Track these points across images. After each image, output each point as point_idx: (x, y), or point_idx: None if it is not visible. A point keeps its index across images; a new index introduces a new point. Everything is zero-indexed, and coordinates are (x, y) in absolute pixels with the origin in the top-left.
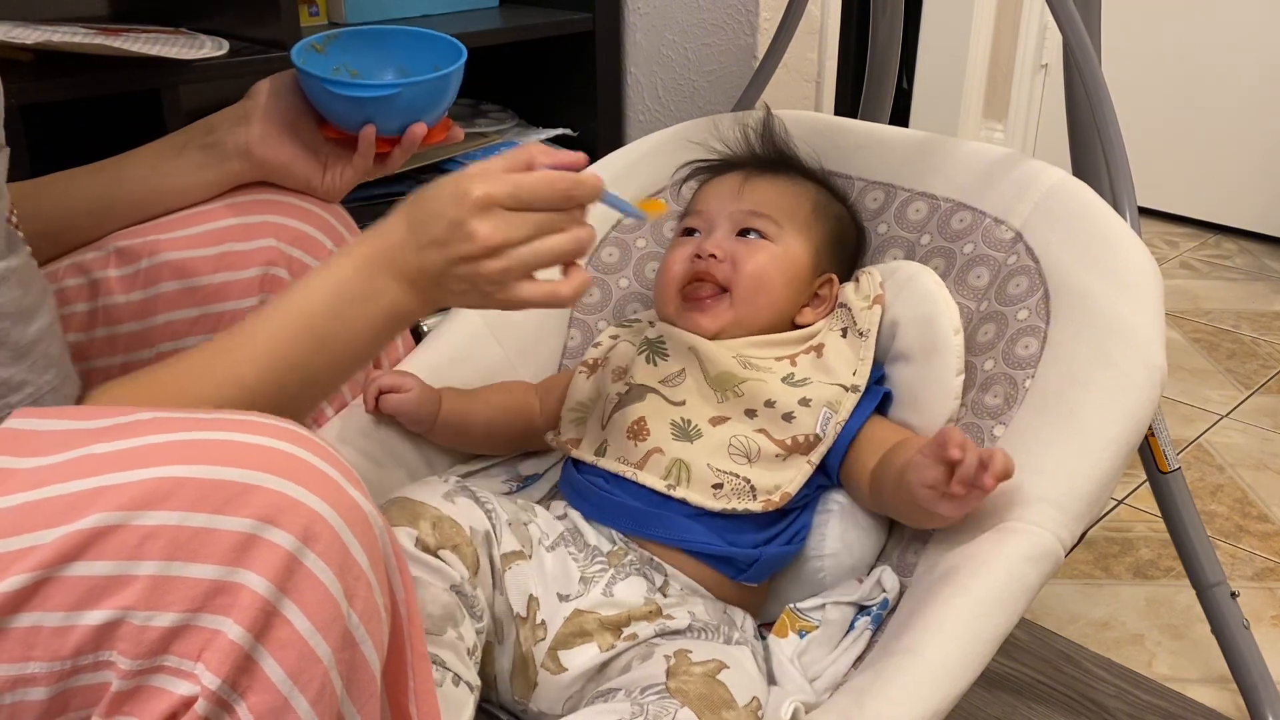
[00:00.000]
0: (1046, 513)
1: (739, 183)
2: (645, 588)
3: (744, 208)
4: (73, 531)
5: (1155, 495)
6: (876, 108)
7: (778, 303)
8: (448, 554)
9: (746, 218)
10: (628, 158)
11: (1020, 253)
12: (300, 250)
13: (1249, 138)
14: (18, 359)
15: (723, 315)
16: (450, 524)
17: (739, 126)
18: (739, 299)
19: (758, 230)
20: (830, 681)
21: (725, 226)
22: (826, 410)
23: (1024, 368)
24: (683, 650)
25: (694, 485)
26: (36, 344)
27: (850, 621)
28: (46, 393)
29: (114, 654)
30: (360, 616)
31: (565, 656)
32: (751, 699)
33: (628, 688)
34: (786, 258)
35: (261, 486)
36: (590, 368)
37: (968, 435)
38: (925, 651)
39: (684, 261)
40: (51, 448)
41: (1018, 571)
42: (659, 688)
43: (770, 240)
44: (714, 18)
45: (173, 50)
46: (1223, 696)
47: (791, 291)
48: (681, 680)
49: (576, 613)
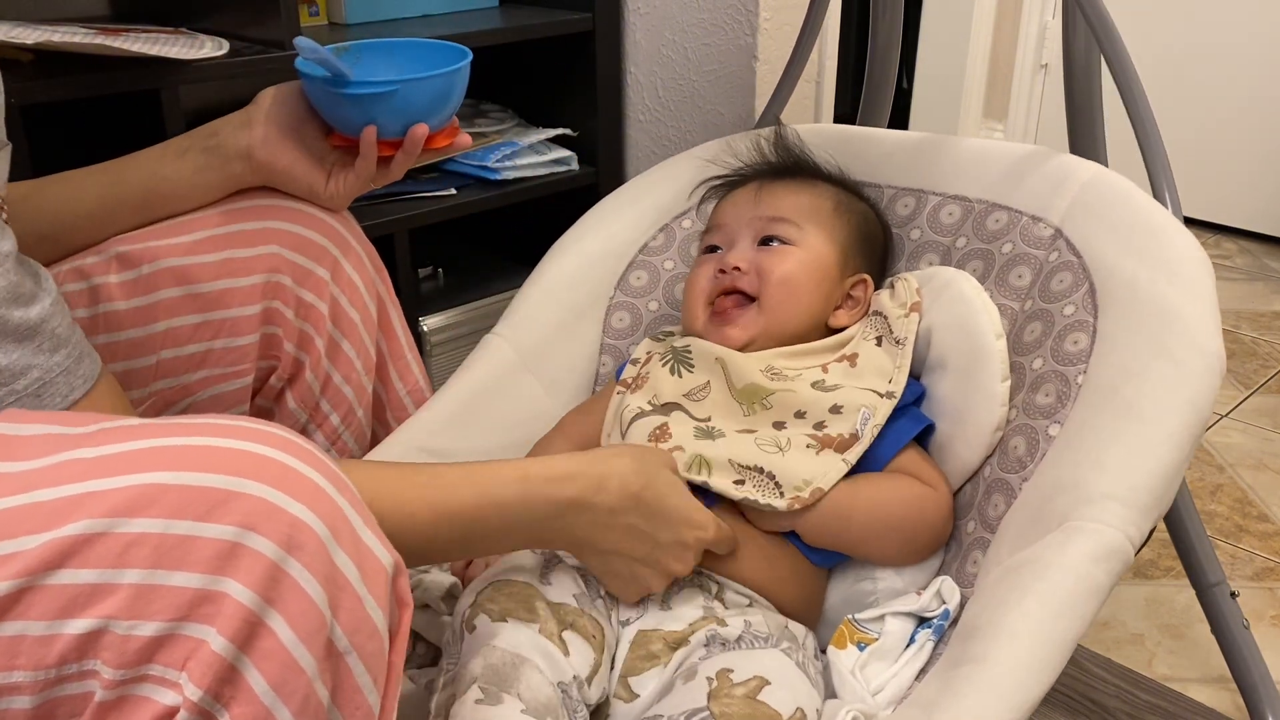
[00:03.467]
0: (1112, 510)
1: (754, 192)
2: (702, 597)
3: (763, 215)
4: (57, 538)
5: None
6: (876, 108)
7: (808, 307)
8: (572, 636)
9: (766, 225)
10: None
11: (1061, 249)
12: (303, 256)
13: (1249, 138)
14: (21, 342)
15: (752, 325)
16: (559, 607)
17: (751, 140)
18: (767, 307)
19: (779, 236)
20: (894, 695)
21: (746, 237)
22: (865, 410)
23: (1075, 364)
24: (724, 670)
25: (714, 477)
26: (41, 326)
27: (911, 634)
28: (57, 375)
29: (98, 663)
30: (345, 627)
31: (636, 683)
32: (795, 710)
33: (670, 714)
34: (812, 259)
35: (244, 493)
36: (629, 387)
37: (1021, 438)
38: (995, 661)
39: (709, 278)
40: (36, 452)
41: (1085, 572)
42: (703, 713)
43: (793, 244)
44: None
45: (173, 50)
46: (1222, 696)
47: (822, 293)
48: (724, 704)
49: (640, 634)
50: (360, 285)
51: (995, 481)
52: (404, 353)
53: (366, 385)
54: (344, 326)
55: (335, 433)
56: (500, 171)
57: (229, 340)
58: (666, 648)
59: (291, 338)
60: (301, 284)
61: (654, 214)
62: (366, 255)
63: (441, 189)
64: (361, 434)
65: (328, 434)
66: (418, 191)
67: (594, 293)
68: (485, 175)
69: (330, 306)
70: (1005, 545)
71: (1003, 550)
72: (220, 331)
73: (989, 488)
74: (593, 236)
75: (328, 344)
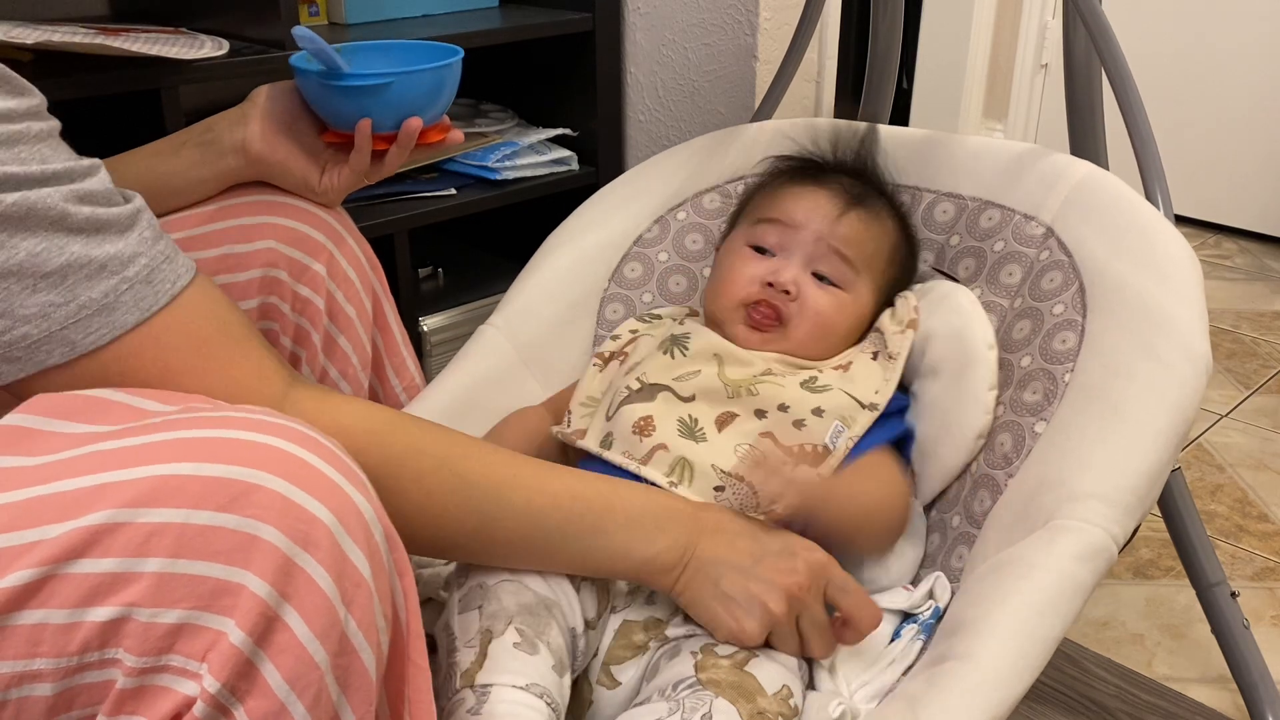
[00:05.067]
0: (1096, 509)
1: (836, 210)
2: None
3: (832, 243)
4: (78, 528)
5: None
6: (876, 108)
7: (834, 348)
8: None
9: (829, 256)
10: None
11: (1052, 247)
12: (300, 252)
13: (1249, 138)
14: (124, 233)
15: (774, 344)
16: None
17: (837, 132)
18: (794, 338)
19: (834, 280)
20: (877, 690)
21: (803, 256)
22: (839, 424)
23: (1062, 362)
24: (708, 645)
25: (696, 484)
26: (138, 216)
27: (895, 630)
28: (162, 263)
29: (120, 651)
30: (359, 624)
31: (618, 671)
32: (781, 686)
33: (660, 687)
34: (854, 308)
35: (263, 486)
36: (604, 360)
37: (1008, 434)
38: (979, 657)
39: (753, 283)
40: (59, 445)
41: (1069, 571)
42: (690, 681)
43: (843, 290)
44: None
45: (173, 50)
46: (1222, 696)
47: (850, 338)
48: (711, 672)
49: (625, 624)
50: (356, 281)
51: (982, 477)
52: (400, 349)
53: (363, 380)
54: (340, 322)
55: None
56: (500, 171)
57: None
58: (649, 637)
59: (288, 333)
60: (298, 279)
61: (649, 205)
62: (361, 251)
63: (441, 189)
64: None
65: None
66: (417, 191)
67: (588, 285)
68: (485, 175)
69: (326, 301)
70: (991, 542)
71: (989, 547)
72: None
73: (975, 483)
74: (588, 228)
75: (324, 339)
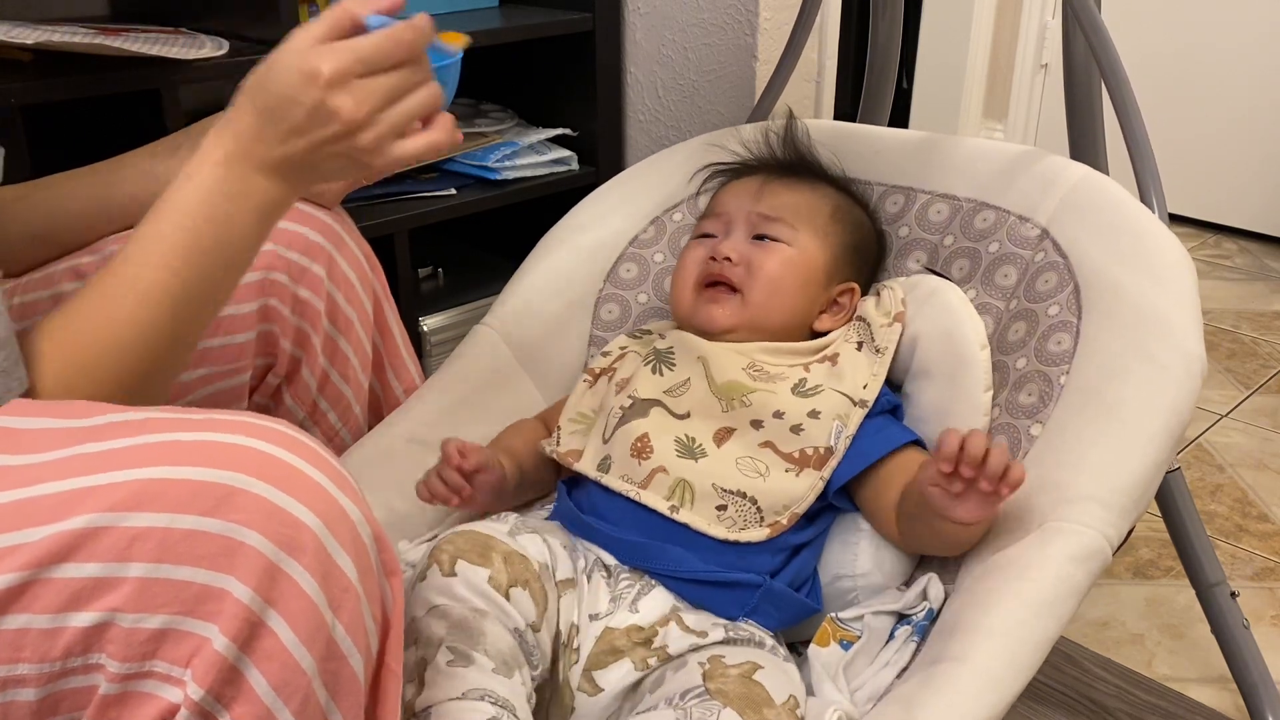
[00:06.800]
0: (1091, 511)
1: (757, 186)
2: (673, 598)
3: (761, 211)
4: (61, 531)
5: (1155, 495)
6: (876, 108)
7: (792, 306)
8: (518, 592)
9: (762, 221)
10: (654, 165)
11: (1048, 249)
12: (298, 254)
13: (1249, 138)
14: None
15: (735, 315)
16: (520, 560)
17: (761, 131)
18: (751, 302)
19: (772, 234)
20: (872, 692)
21: (741, 230)
22: (838, 423)
23: (1058, 364)
24: (716, 656)
25: (698, 506)
26: None
27: (890, 630)
28: None
29: (103, 657)
30: (346, 628)
31: (600, 676)
32: (789, 697)
33: (668, 696)
34: (801, 261)
35: (247, 491)
36: (594, 376)
37: (1003, 436)
38: (974, 659)
39: (699, 263)
40: (42, 446)
41: (1064, 573)
42: (698, 690)
43: (785, 244)
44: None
45: (173, 50)
46: (1223, 696)
47: (807, 296)
48: (720, 682)
49: (607, 630)
50: (356, 282)
51: None
52: (400, 351)
53: (364, 382)
54: (341, 324)
55: (333, 430)
56: (500, 171)
57: (225, 338)
58: (632, 645)
59: (288, 335)
60: (298, 281)
61: (646, 206)
62: (361, 252)
63: (441, 189)
64: (359, 431)
65: (325, 431)
66: (417, 191)
67: (584, 285)
68: (485, 175)
69: (326, 304)
70: (987, 542)
71: (984, 548)
72: (217, 329)
73: None
74: (583, 228)
75: (324, 341)
